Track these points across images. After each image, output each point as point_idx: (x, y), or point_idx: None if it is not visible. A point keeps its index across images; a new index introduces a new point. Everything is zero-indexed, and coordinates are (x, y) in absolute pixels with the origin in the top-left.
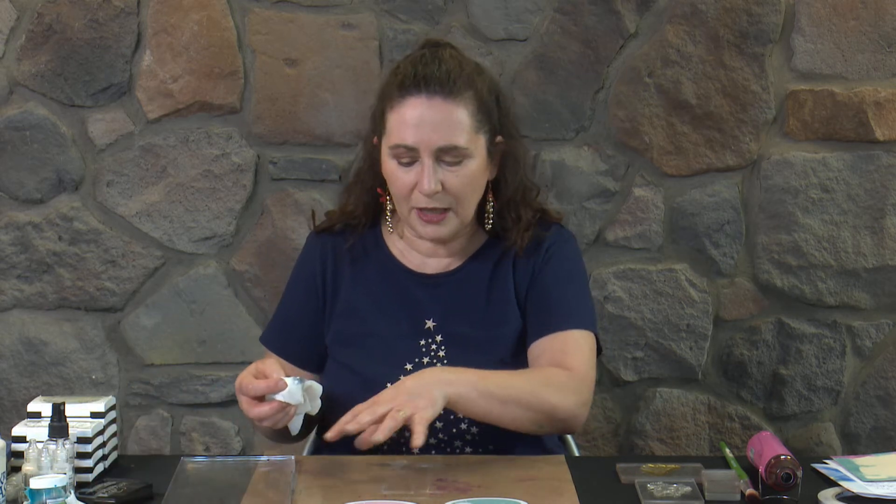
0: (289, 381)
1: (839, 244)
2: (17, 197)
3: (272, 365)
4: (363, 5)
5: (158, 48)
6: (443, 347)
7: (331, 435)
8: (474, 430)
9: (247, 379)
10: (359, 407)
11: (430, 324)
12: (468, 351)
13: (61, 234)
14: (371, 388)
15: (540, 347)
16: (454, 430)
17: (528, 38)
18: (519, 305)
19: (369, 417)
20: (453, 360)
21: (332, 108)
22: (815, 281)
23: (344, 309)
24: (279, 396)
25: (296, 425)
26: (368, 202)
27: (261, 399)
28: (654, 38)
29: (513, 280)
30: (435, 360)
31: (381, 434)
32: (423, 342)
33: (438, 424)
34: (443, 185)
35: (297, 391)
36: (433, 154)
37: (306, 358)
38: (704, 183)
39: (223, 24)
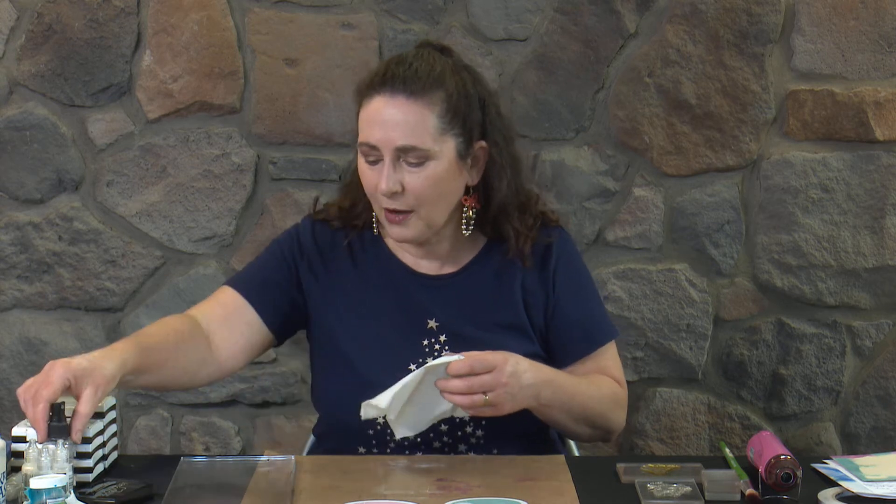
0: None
1: (839, 244)
2: (17, 197)
3: None
4: (363, 5)
5: (158, 48)
6: (446, 348)
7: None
8: (479, 433)
9: None
10: (478, 358)
11: (432, 324)
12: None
13: (61, 234)
14: (372, 388)
15: (578, 371)
16: (459, 434)
17: (528, 38)
18: (527, 312)
19: (465, 386)
20: None
21: (331, 108)
22: (815, 281)
23: (343, 304)
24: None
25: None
26: (368, 199)
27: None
28: (654, 38)
29: (521, 286)
30: None
31: (460, 405)
32: (426, 342)
33: (443, 427)
34: (403, 186)
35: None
36: (393, 153)
37: (273, 312)
38: (704, 183)
39: (223, 24)
